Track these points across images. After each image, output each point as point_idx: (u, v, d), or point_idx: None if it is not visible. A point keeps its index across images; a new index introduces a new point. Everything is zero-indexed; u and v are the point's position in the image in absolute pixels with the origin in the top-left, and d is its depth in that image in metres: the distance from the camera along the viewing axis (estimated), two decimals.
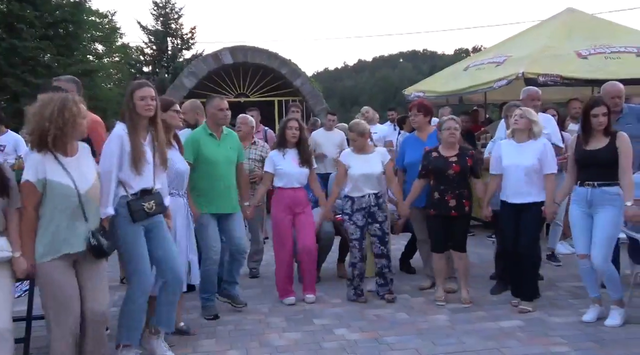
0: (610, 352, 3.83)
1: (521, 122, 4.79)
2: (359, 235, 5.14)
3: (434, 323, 4.57)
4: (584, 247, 4.45)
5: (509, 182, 4.82)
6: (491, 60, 9.61)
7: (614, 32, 9.43)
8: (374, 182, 5.13)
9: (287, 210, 5.21)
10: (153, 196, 3.73)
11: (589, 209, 4.41)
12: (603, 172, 4.33)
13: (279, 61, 14.61)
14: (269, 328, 4.59)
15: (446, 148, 5.10)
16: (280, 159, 5.20)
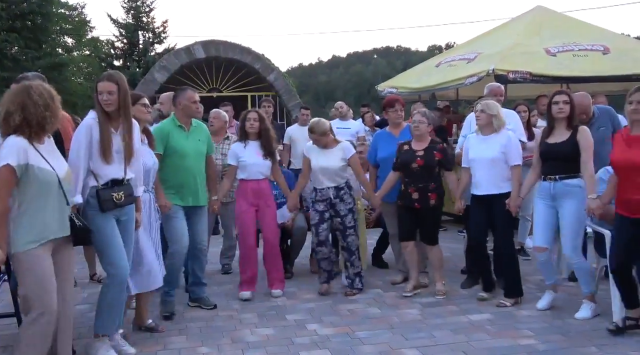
0: (576, 344, 3.92)
1: (482, 117, 4.87)
2: (317, 220, 5.17)
3: (405, 317, 4.61)
4: (543, 240, 4.55)
5: (476, 175, 4.91)
6: (462, 56, 9.71)
7: (582, 30, 9.62)
8: (332, 176, 5.15)
9: (250, 203, 5.18)
10: (123, 187, 3.71)
11: (552, 202, 4.49)
12: (564, 165, 4.41)
13: (252, 56, 14.56)
14: (241, 324, 4.58)
15: (416, 141, 5.18)
16: (242, 151, 5.18)
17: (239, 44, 14.68)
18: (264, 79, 14.51)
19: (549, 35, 9.26)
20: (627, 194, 3.93)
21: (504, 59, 8.53)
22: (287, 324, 4.55)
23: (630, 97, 3.91)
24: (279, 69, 15.18)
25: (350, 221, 5.19)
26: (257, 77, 14.65)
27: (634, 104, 3.87)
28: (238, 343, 4.18)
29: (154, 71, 14.28)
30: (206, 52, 14.25)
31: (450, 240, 7.38)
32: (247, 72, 14.67)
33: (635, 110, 3.86)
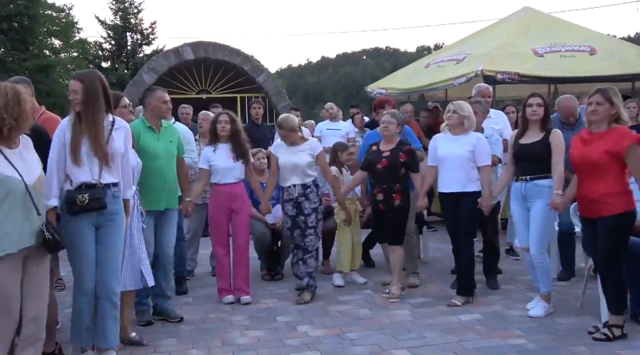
0: (565, 343, 3.94)
1: (454, 117, 4.92)
2: (290, 224, 5.17)
3: (396, 318, 4.61)
4: (525, 240, 4.62)
5: (444, 173, 4.96)
6: (451, 57, 9.75)
7: (569, 31, 9.70)
8: (299, 173, 5.13)
9: (223, 207, 5.13)
10: (93, 191, 3.55)
11: (524, 202, 4.57)
12: (535, 165, 4.48)
13: (241, 57, 14.53)
14: (232, 326, 4.56)
15: (384, 142, 5.23)
16: (212, 154, 5.14)
17: (228, 46, 14.65)
18: (254, 80, 14.48)
19: (536, 36, 9.33)
20: (582, 193, 4.07)
21: (493, 59, 8.58)
22: (278, 325, 4.54)
23: (589, 98, 4.02)
24: (268, 70, 15.16)
25: (313, 221, 5.14)
26: (246, 78, 14.61)
27: (592, 105, 3.97)
28: (228, 345, 4.16)
29: (142, 73, 14.22)
30: (195, 54, 14.21)
31: (440, 240, 7.40)
32: (236, 73, 14.63)
33: (594, 112, 3.96)
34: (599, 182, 3.94)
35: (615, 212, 3.89)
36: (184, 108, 7.68)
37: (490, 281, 5.35)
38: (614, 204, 3.90)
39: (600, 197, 3.93)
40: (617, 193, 3.92)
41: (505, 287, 5.25)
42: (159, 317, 4.73)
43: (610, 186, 3.92)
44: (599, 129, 4.00)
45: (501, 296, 5.03)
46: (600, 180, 3.94)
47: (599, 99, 3.96)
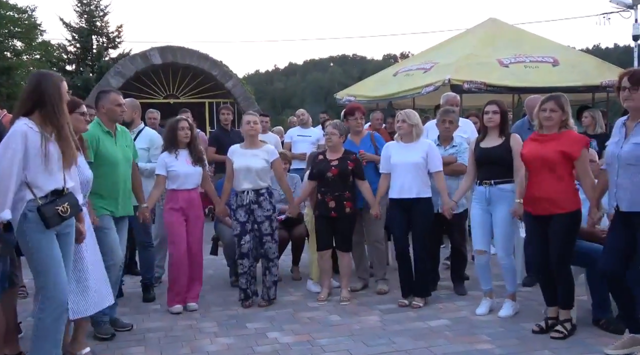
0: (531, 347, 4.02)
1: (404, 127, 5.03)
2: (239, 231, 5.15)
3: (365, 324, 4.64)
4: (481, 243, 4.75)
5: (397, 179, 5.06)
6: (419, 66, 9.90)
7: (533, 43, 9.96)
8: (253, 178, 5.12)
9: (180, 213, 5.07)
10: (66, 197, 3.36)
11: (488, 206, 4.69)
12: (498, 170, 4.62)
13: (209, 62, 14.45)
14: (201, 333, 4.53)
15: (330, 152, 5.31)
16: (173, 160, 5.06)
17: (197, 50, 14.56)
18: (222, 85, 14.41)
19: (501, 46, 9.55)
20: (535, 191, 4.19)
21: (459, 69, 8.75)
22: (248, 332, 4.53)
23: (543, 105, 4.19)
24: (237, 76, 15.10)
25: (267, 228, 5.15)
26: (215, 83, 14.53)
27: (547, 112, 4.15)
28: (198, 353, 4.13)
29: (108, 77, 14.01)
30: (163, 58, 14.07)
31: None
32: (204, 78, 14.54)
33: (548, 118, 4.15)
34: (552, 181, 4.10)
35: (569, 210, 4.07)
36: (151, 113, 7.60)
37: (458, 287, 5.43)
38: (567, 202, 4.08)
39: (554, 195, 4.08)
40: (569, 191, 4.10)
41: (472, 293, 5.33)
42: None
43: (563, 185, 4.09)
44: (551, 132, 4.18)
45: (468, 302, 5.11)
46: (553, 178, 4.10)
47: (553, 106, 4.15)
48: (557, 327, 4.16)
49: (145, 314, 4.92)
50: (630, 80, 3.62)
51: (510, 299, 4.75)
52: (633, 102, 3.63)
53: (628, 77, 3.65)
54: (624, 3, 15.20)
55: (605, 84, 8.71)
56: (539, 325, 4.31)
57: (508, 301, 4.74)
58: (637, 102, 3.63)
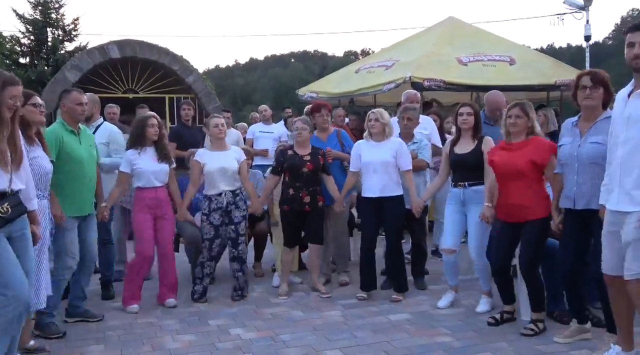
0: (488, 339, 4.14)
1: (377, 125, 5.10)
2: (212, 235, 5.15)
3: (328, 319, 4.68)
4: (452, 242, 4.82)
5: (368, 178, 5.13)
6: (381, 63, 9.99)
7: (490, 42, 10.17)
8: (229, 178, 5.15)
9: (147, 211, 5.03)
10: (7, 198, 3.18)
11: (462, 207, 4.76)
12: (472, 173, 4.70)
13: (170, 57, 14.25)
14: (162, 331, 4.49)
15: (299, 147, 5.33)
16: (137, 157, 5.00)
17: (157, 45, 14.31)
18: (183, 80, 14.21)
19: (460, 45, 9.72)
20: (507, 199, 4.28)
21: (420, 67, 8.86)
22: (210, 329, 4.51)
23: (509, 111, 4.29)
24: (198, 71, 14.93)
25: (243, 229, 5.20)
26: (175, 78, 14.33)
27: (512, 118, 4.24)
28: (159, 350, 4.10)
29: (64, 70, 13.65)
30: (121, 52, 13.80)
31: None
32: (165, 73, 14.32)
33: (514, 124, 4.24)
34: (524, 189, 4.18)
35: (541, 216, 4.16)
36: (110, 107, 7.46)
37: (418, 282, 5.53)
38: (539, 208, 4.16)
39: (526, 203, 4.16)
40: (540, 198, 4.20)
41: (432, 287, 5.43)
42: (81, 319, 4.69)
43: (535, 192, 4.18)
44: (519, 139, 4.26)
45: (428, 296, 5.20)
46: (525, 186, 4.18)
47: (519, 112, 4.23)
48: (529, 325, 4.23)
49: (104, 312, 4.85)
50: (592, 80, 3.70)
51: (487, 295, 4.81)
52: (592, 101, 3.72)
53: (590, 76, 3.72)
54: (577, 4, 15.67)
55: (560, 83, 8.96)
56: (494, 317, 4.44)
57: (484, 298, 4.80)
58: (596, 101, 3.72)
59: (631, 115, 3.24)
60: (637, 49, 3.24)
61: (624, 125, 3.27)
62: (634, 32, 3.28)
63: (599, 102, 3.75)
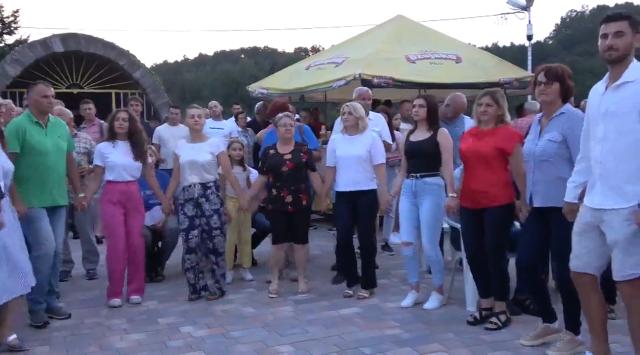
0: (435, 331, 4.24)
1: (350, 119, 5.12)
2: (187, 225, 5.11)
3: (279, 315, 4.70)
4: (408, 235, 4.86)
5: (342, 172, 5.14)
6: (331, 60, 10.04)
7: (437, 40, 10.36)
8: (199, 171, 5.11)
9: (118, 205, 5.00)
10: None
11: (415, 199, 4.81)
12: (425, 163, 4.74)
13: (116, 51, 13.92)
14: (110, 331, 4.42)
15: (282, 145, 5.29)
16: (110, 151, 5.01)
17: (102, 39, 13.94)
18: (130, 76, 13.91)
19: (408, 43, 9.86)
20: (471, 184, 4.32)
21: (369, 64, 8.95)
22: (160, 327, 4.47)
23: (479, 100, 4.35)
24: (145, 66, 14.63)
25: (216, 222, 5.15)
26: (122, 73, 14.00)
27: (483, 106, 4.30)
28: (107, 350, 4.04)
29: (5, 64, 13.15)
30: (65, 46, 13.39)
31: (320, 238, 7.63)
32: (110, 68, 13.97)
33: (484, 112, 4.29)
34: (488, 175, 4.22)
35: (502, 202, 4.21)
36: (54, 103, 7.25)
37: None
38: (501, 196, 4.21)
39: (489, 189, 4.21)
40: (503, 185, 4.24)
41: (381, 282, 5.50)
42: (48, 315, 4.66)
43: (498, 179, 4.22)
44: (488, 127, 4.31)
45: (378, 290, 5.28)
46: (489, 173, 4.22)
47: (489, 100, 4.28)
48: (491, 319, 4.27)
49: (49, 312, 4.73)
50: (546, 75, 3.72)
51: (438, 292, 4.85)
52: (547, 97, 3.73)
53: (544, 72, 3.74)
54: (519, 5, 16.15)
55: (503, 81, 9.22)
56: (473, 315, 4.42)
57: (435, 294, 4.84)
58: (551, 97, 3.73)
59: (608, 109, 3.15)
60: (609, 41, 3.13)
61: (601, 121, 3.18)
62: (607, 23, 3.17)
63: (555, 98, 3.74)
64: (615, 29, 3.11)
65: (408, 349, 3.90)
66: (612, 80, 3.20)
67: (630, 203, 3.06)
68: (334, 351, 3.90)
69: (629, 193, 3.07)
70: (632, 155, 3.07)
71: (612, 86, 3.17)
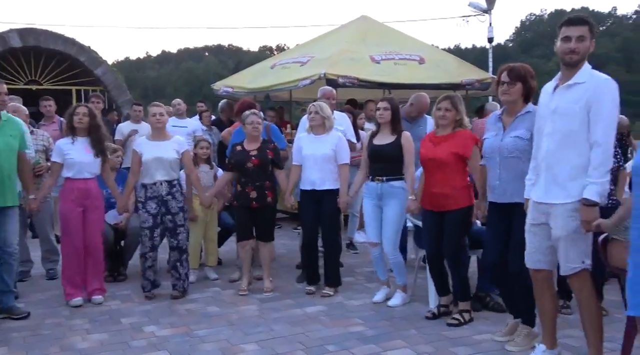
0: (398, 327, 4.31)
1: (317, 118, 5.16)
2: (151, 223, 5.07)
3: (244, 313, 4.70)
4: (375, 236, 4.92)
5: (308, 171, 5.17)
6: (296, 60, 10.06)
7: (401, 41, 10.48)
8: (166, 168, 5.07)
9: (76, 203, 4.92)
10: None
11: (379, 201, 4.87)
12: (389, 166, 4.80)
13: (77, 48, 13.64)
14: (71, 331, 4.35)
15: (249, 142, 5.31)
16: (70, 147, 4.92)
17: (62, 34, 13.66)
18: (91, 72, 13.64)
19: (373, 43, 9.95)
20: (431, 188, 4.41)
21: (334, 64, 9.00)
22: (122, 327, 4.42)
23: (438, 104, 4.42)
24: (107, 63, 14.38)
25: (181, 219, 5.13)
26: (83, 70, 13.72)
27: (442, 111, 4.37)
28: (68, 351, 3.97)
29: None
30: (23, 41, 13.05)
31: (285, 237, 7.65)
32: (71, 64, 13.67)
33: (443, 117, 4.37)
34: (447, 179, 4.30)
35: (462, 205, 4.30)
36: (11, 99, 7.07)
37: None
38: (460, 198, 4.31)
39: (449, 192, 4.30)
40: (462, 188, 4.33)
41: (345, 280, 5.55)
42: (2, 316, 4.57)
43: (457, 182, 4.31)
44: (445, 132, 4.39)
45: (342, 288, 5.32)
46: (448, 177, 4.31)
47: (448, 105, 4.35)
48: (455, 315, 4.36)
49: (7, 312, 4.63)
50: (509, 75, 3.77)
51: (401, 290, 4.92)
52: (509, 96, 3.78)
53: (507, 72, 3.79)
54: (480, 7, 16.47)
55: (465, 82, 9.40)
56: (432, 311, 4.52)
57: (399, 292, 4.91)
58: (513, 96, 3.79)
59: (557, 108, 3.26)
60: (573, 44, 3.19)
61: (550, 118, 3.29)
62: (570, 26, 3.22)
63: (517, 97, 3.80)
64: (578, 33, 3.20)
65: (372, 345, 3.95)
66: (563, 80, 3.31)
67: (573, 198, 3.19)
68: (299, 349, 3.92)
69: (572, 189, 3.21)
70: (576, 152, 3.20)
71: (564, 86, 3.28)
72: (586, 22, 3.23)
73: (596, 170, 3.10)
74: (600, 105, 3.14)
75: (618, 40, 52.94)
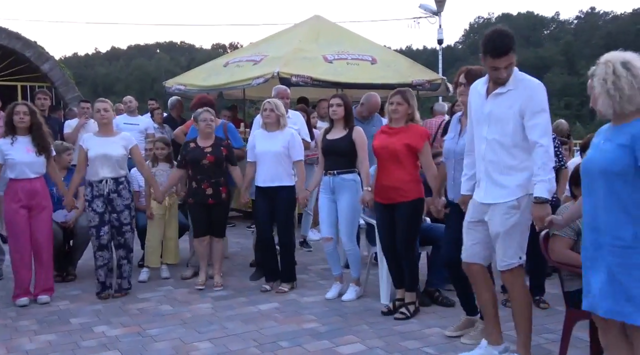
0: (350, 323, 4.39)
1: (271, 116, 5.20)
2: (97, 222, 5.01)
3: (197, 312, 4.69)
4: (328, 230, 5.01)
5: (261, 168, 5.21)
6: (249, 58, 10.05)
7: (354, 41, 10.61)
8: (112, 166, 5.01)
9: (21, 204, 4.81)
10: None
11: (332, 195, 4.96)
12: (341, 160, 4.89)
13: (22, 42, 13.21)
14: (17, 332, 4.25)
15: (203, 139, 5.32)
16: (9, 148, 4.78)
17: (6, 28, 13.20)
18: (37, 68, 13.25)
19: (325, 43, 10.04)
20: (382, 181, 4.51)
21: (288, 63, 9.04)
22: (72, 328, 4.35)
23: (390, 98, 4.53)
24: (54, 58, 13.98)
25: (127, 217, 5.08)
26: (28, 65, 13.30)
27: (394, 105, 4.48)
28: (15, 352, 3.89)
29: None
30: None
31: (239, 235, 7.64)
32: (16, 59, 13.24)
33: (395, 110, 4.48)
34: (398, 171, 4.40)
35: (411, 198, 4.40)
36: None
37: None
38: (410, 191, 4.40)
39: (399, 184, 4.39)
40: (411, 180, 4.42)
41: (299, 277, 5.58)
42: None
43: (407, 175, 4.41)
44: (399, 125, 4.49)
45: (296, 285, 5.36)
46: (399, 169, 4.40)
47: (399, 99, 4.46)
48: (401, 309, 4.46)
49: None
50: (466, 77, 3.86)
51: (355, 284, 5.00)
52: (466, 97, 3.79)
53: (464, 74, 3.89)
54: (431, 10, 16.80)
55: (415, 83, 9.58)
56: (387, 306, 4.60)
57: (352, 286, 4.99)
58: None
59: (492, 113, 3.32)
60: (502, 73, 3.24)
61: (485, 122, 3.36)
62: (497, 58, 3.20)
63: None
64: (505, 63, 3.22)
65: (325, 341, 4.02)
66: (494, 86, 3.35)
67: (509, 197, 3.31)
68: (253, 346, 3.95)
69: (508, 188, 3.32)
70: (511, 154, 3.32)
71: (496, 92, 3.33)
72: (510, 48, 3.21)
73: (542, 169, 3.21)
74: (534, 109, 3.23)
75: (561, 44, 54.85)
